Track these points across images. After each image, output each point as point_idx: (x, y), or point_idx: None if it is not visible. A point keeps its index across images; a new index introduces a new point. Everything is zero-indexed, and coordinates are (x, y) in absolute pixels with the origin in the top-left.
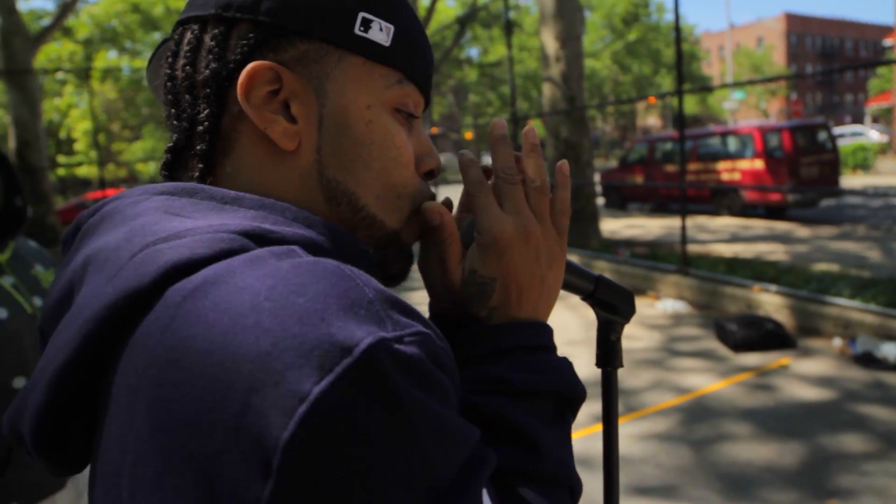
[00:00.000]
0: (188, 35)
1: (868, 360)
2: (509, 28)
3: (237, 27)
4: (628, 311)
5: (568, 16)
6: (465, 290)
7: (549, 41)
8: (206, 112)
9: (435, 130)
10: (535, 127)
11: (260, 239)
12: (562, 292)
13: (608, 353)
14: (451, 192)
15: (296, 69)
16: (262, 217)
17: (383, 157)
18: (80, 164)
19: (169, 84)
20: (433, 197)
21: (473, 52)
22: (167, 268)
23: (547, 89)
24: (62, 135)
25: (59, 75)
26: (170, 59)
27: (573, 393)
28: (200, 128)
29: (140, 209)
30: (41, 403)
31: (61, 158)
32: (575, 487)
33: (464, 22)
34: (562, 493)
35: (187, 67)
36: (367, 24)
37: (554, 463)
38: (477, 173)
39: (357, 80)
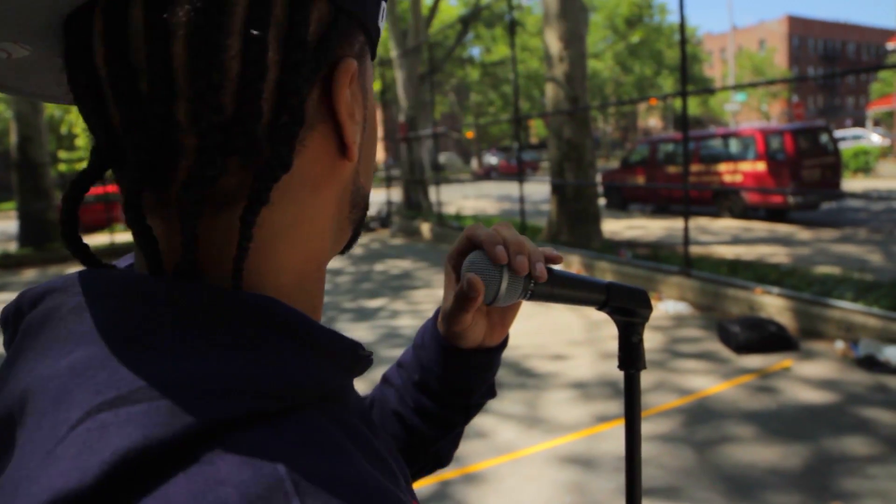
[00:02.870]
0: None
1: (870, 364)
2: (513, 28)
3: (316, 5)
4: (645, 311)
5: (572, 16)
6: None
7: (553, 41)
8: (287, 120)
9: (471, 136)
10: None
11: (246, 395)
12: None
13: (630, 354)
14: (451, 192)
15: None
16: (245, 339)
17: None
18: (81, 159)
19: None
20: None
21: (476, 51)
22: (115, 461)
23: (550, 89)
24: (63, 130)
25: None
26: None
27: None
28: (283, 145)
29: (85, 325)
30: None
31: (62, 154)
32: None
33: (467, 21)
34: None
35: (261, 34)
36: (383, 16)
37: None
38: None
39: (371, 75)
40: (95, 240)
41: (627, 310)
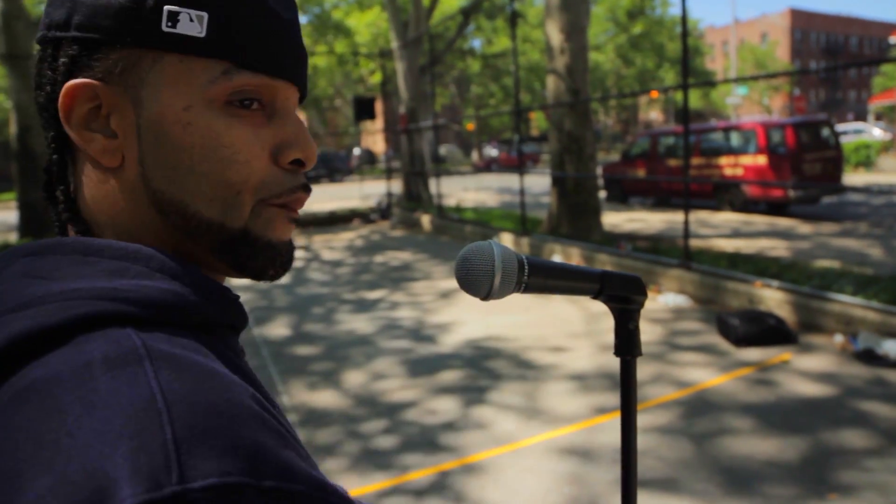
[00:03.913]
0: (41, 56)
1: (869, 357)
2: (514, 19)
3: (63, 46)
4: (640, 297)
5: (573, 8)
6: None
7: (555, 33)
8: (51, 135)
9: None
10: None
11: (116, 300)
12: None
13: (627, 341)
14: (451, 184)
15: (111, 81)
16: (123, 269)
17: (210, 159)
18: None
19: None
20: (305, 188)
21: (476, 43)
22: (6, 342)
23: (551, 81)
24: None
25: None
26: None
27: None
28: (49, 150)
29: (4, 276)
30: None
31: None
32: None
33: (468, 12)
34: None
35: (37, 91)
36: (174, 18)
37: None
38: None
39: (174, 82)
40: None
41: (623, 297)
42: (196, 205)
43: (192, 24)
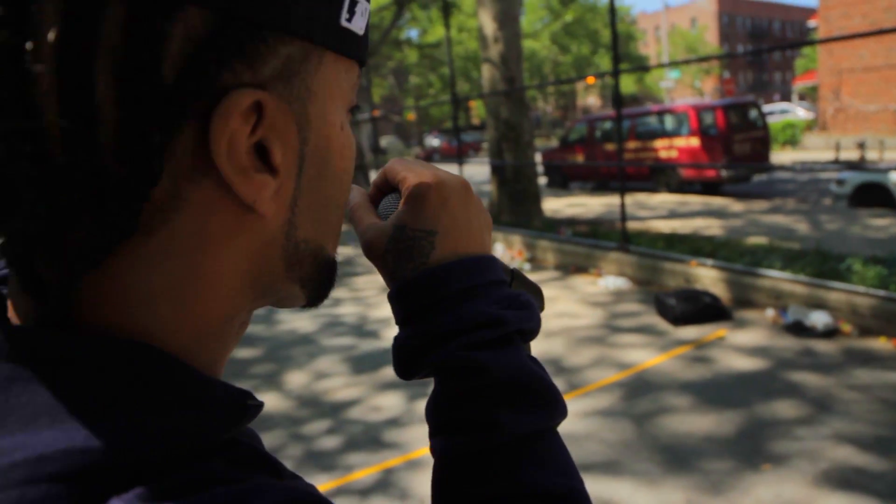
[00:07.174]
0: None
1: (798, 329)
2: (447, 9)
3: (183, 15)
4: (539, 308)
5: None
6: (391, 247)
7: (488, 22)
8: (126, 174)
9: (376, 113)
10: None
11: (92, 475)
12: None
13: None
14: None
15: (276, 90)
16: (109, 399)
17: (347, 187)
18: None
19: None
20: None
21: (413, 33)
22: None
23: (486, 70)
24: None
25: None
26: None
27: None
28: (125, 205)
29: None
30: None
31: None
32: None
33: (402, 3)
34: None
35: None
36: (352, 9)
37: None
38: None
39: (334, 92)
40: None
41: None
42: (329, 247)
43: (361, 19)
